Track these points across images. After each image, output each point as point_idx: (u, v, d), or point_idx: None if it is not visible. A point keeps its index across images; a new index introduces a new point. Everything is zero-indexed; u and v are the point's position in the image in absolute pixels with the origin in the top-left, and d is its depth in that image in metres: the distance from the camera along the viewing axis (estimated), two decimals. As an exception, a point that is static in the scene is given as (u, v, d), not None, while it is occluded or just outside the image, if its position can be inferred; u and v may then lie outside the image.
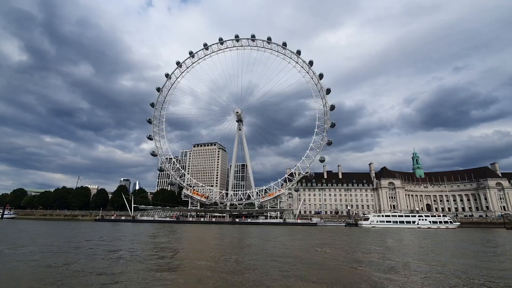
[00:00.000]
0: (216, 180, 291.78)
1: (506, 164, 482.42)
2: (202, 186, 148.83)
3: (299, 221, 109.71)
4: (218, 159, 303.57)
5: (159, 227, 71.36)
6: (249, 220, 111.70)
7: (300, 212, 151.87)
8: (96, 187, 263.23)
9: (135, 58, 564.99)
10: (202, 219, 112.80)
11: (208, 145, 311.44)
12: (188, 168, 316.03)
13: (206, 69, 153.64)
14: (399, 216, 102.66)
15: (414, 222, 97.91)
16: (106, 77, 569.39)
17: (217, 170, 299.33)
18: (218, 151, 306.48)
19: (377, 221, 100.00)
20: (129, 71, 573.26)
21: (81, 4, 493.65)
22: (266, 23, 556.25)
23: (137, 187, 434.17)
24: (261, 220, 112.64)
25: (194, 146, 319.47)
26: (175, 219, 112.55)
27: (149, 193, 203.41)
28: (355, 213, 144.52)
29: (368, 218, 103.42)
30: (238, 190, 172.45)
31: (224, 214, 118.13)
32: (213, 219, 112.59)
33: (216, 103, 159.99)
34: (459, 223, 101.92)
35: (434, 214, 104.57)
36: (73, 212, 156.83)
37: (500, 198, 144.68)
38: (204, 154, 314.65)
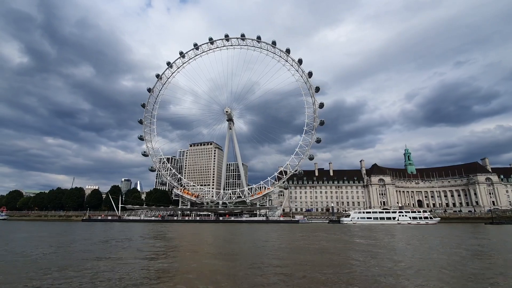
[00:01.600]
0: (213, 179, 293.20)
1: (509, 158, 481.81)
2: (193, 185, 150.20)
3: (281, 218, 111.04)
4: (214, 158, 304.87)
5: (132, 227, 72.61)
6: (232, 218, 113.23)
7: (290, 209, 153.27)
8: (97, 187, 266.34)
9: (135, 58, 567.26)
10: (187, 218, 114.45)
11: (204, 145, 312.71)
12: (185, 168, 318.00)
13: (197, 69, 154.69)
14: (379, 212, 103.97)
15: (394, 218, 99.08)
16: (106, 77, 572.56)
17: (213, 169, 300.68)
18: (215, 150, 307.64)
19: (357, 218, 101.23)
20: (130, 72, 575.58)
21: (80, 5, 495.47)
22: (265, 22, 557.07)
23: (138, 187, 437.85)
24: (244, 218, 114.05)
25: (191, 146, 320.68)
26: (160, 219, 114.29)
27: (145, 193, 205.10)
28: (345, 210, 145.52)
29: (349, 215, 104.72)
30: (233, 188, 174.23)
31: (209, 213, 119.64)
32: (198, 218, 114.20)
33: (209, 103, 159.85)
34: (439, 218, 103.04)
35: (414, 210, 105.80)
36: (67, 212, 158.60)
37: (490, 193, 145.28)
38: (200, 154, 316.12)
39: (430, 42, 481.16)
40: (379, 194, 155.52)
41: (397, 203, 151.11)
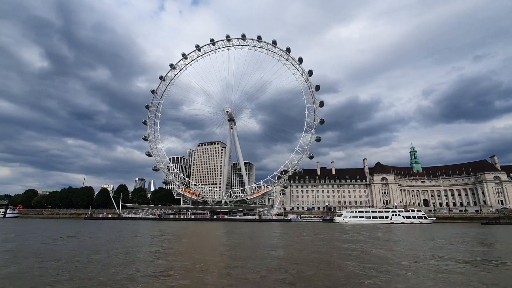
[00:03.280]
0: (220, 178, 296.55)
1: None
2: (194, 184, 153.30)
3: (274, 217, 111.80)
4: (221, 158, 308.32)
5: (117, 224, 75.53)
6: (226, 217, 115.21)
7: (291, 208, 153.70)
8: (112, 186, 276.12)
9: (149, 60, 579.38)
10: (182, 216, 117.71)
11: (211, 144, 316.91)
12: (193, 167, 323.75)
13: (200, 70, 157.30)
14: (372, 211, 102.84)
15: (387, 217, 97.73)
16: (122, 79, 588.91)
17: (220, 168, 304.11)
18: (222, 150, 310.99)
19: (350, 217, 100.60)
20: (144, 73, 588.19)
21: (96, 10, 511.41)
22: (276, 21, 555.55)
23: (152, 186, 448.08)
24: (237, 216, 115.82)
25: (199, 145, 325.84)
26: (157, 217, 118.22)
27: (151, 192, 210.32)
28: (346, 209, 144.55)
29: (342, 214, 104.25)
30: (234, 187, 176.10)
31: (205, 211, 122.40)
32: (193, 216, 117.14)
33: (211, 103, 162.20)
34: (434, 218, 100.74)
35: (408, 209, 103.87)
36: (77, 210, 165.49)
37: (498, 192, 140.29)
38: (208, 153, 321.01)
39: (447, 36, 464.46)
40: (382, 193, 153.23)
41: (401, 202, 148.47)
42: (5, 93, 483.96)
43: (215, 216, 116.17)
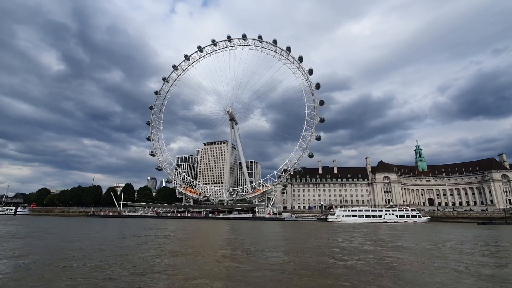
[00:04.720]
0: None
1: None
2: (196, 183, 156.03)
3: (268, 216, 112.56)
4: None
5: (104, 221, 78.02)
6: (221, 215, 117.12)
7: (293, 207, 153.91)
8: (122, 185, 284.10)
9: (161, 61, 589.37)
10: (179, 215, 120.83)
11: (218, 143, 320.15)
12: (200, 166, 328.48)
13: (201, 71, 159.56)
14: (365, 210, 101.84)
15: (380, 216, 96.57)
16: (135, 81, 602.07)
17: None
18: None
19: (342, 216, 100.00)
20: (156, 74, 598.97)
21: (109, 13, 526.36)
22: (285, 19, 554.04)
23: (163, 185, 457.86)
24: (232, 215, 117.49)
25: (205, 145, 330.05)
26: (155, 215, 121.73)
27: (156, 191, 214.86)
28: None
29: (335, 213, 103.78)
30: (235, 187, 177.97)
31: (201, 210, 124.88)
32: (189, 215, 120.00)
33: (213, 104, 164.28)
34: (429, 217, 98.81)
35: (402, 208, 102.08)
36: (86, 209, 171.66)
37: (506, 191, 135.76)
38: (215, 152, 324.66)
39: (464, 30, 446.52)
40: (384, 192, 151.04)
41: (403, 201, 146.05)
42: (25, 95, 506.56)
43: (210, 215, 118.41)
